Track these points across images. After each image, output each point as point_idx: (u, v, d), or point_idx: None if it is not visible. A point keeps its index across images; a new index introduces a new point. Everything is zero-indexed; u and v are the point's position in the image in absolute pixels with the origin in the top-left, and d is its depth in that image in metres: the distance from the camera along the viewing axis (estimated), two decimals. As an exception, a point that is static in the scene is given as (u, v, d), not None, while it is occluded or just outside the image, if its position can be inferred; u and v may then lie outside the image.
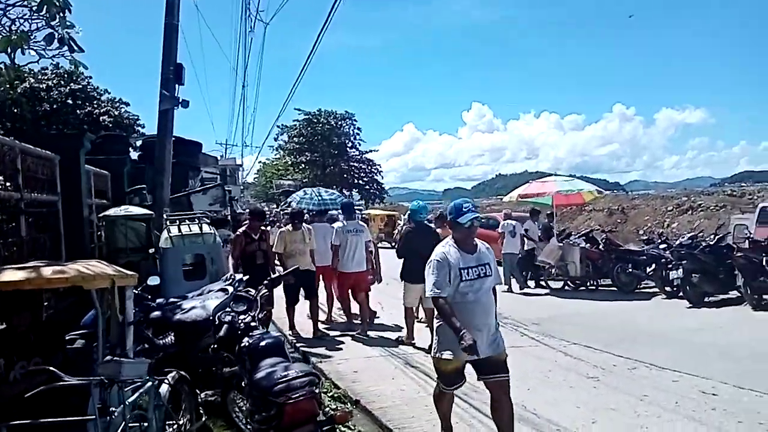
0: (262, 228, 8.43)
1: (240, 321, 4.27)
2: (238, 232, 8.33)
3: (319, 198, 15.60)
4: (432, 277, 4.01)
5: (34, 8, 6.50)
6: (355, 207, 11.32)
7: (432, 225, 8.62)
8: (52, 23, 6.55)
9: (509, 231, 13.00)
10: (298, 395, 3.00)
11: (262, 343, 3.70)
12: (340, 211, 10.99)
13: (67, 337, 4.33)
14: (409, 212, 8.86)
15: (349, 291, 9.08)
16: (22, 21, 6.63)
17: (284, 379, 3.08)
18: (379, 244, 16.69)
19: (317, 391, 3.15)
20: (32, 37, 6.70)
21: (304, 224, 8.99)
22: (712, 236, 11.67)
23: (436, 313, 4.17)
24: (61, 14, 6.46)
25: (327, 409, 4.74)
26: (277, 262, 8.63)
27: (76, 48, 6.75)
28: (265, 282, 5.44)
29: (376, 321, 9.48)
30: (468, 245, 4.12)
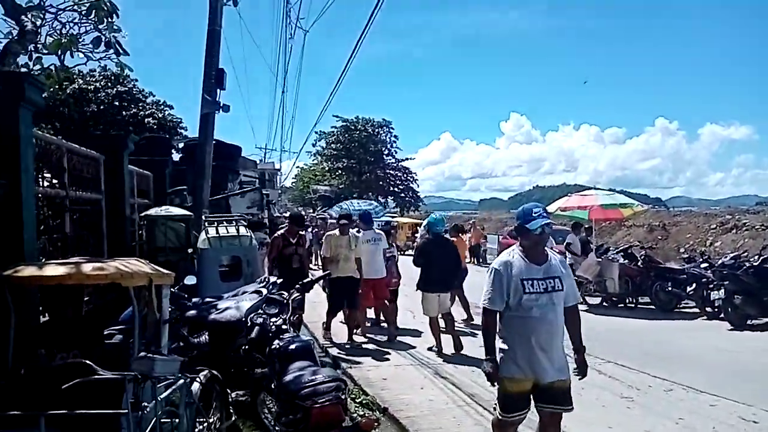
0: (300, 233, 8.57)
1: (271, 323, 4.31)
2: (276, 235, 8.51)
3: (352, 207, 15.85)
4: (486, 286, 3.68)
5: (83, 12, 6.78)
6: (373, 217, 11.29)
7: (448, 236, 9.37)
8: (100, 27, 6.82)
9: None
10: (324, 400, 3.01)
11: (292, 347, 3.74)
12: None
13: (105, 332, 4.46)
14: (427, 224, 9.32)
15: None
16: (71, 25, 6.93)
17: (311, 383, 3.11)
18: (407, 252, 16.75)
19: (343, 396, 3.16)
20: (81, 40, 6.99)
21: (351, 230, 8.79)
22: (756, 257, 11.27)
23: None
24: (109, 18, 6.73)
25: (354, 414, 4.76)
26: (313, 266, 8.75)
27: (121, 51, 7.01)
28: (297, 285, 5.49)
29: (407, 327, 9.45)
30: (536, 255, 3.67)
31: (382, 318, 9.62)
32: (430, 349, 8.12)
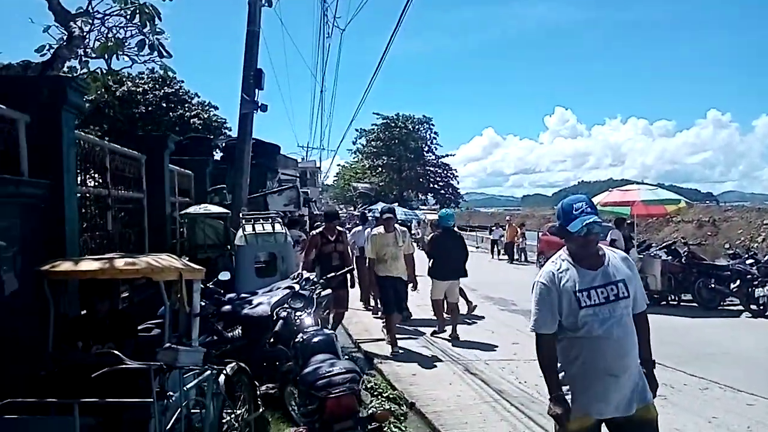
0: (339, 229, 8.29)
1: (296, 317, 4.43)
2: (313, 233, 8.34)
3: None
4: (532, 306, 3.00)
5: (128, 16, 7.07)
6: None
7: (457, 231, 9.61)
8: (144, 30, 7.11)
9: None
10: (338, 391, 3.11)
11: (314, 340, 3.85)
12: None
13: (143, 326, 4.67)
14: (438, 219, 10.10)
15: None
16: (117, 29, 7.23)
17: (327, 375, 3.21)
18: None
19: (358, 388, 3.25)
20: (126, 44, 7.29)
21: (397, 225, 8.27)
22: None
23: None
24: (152, 22, 7.00)
25: (371, 406, 4.84)
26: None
27: (165, 53, 7.28)
28: (320, 281, 5.60)
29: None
30: (588, 258, 2.97)
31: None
32: (433, 333, 8.75)
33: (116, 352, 3.16)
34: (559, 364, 2.96)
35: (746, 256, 12.13)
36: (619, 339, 2.87)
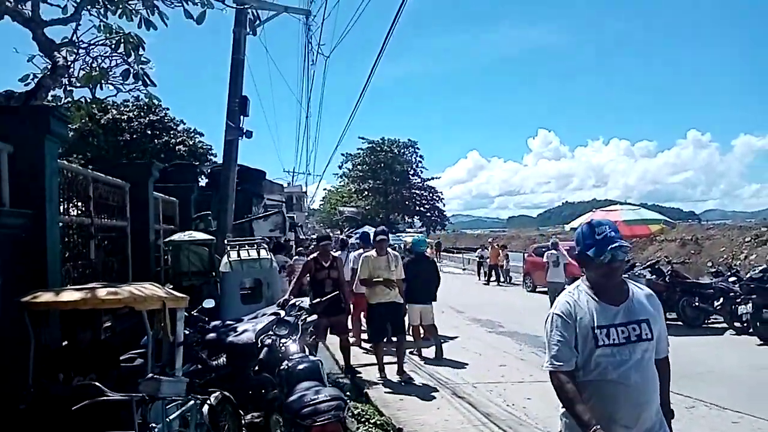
0: (333, 255, 7.96)
1: (281, 345, 4.41)
2: (308, 259, 8.12)
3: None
4: (547, 340, 2.64)
5: (112, 46, 7.12)
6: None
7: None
8: (129, 60, 7.15)
9: (553, 261, 13.54)
10: (324, 419, 3.09)
11: (300, 367, 3.83)
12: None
13: (126, 356, 4.62)
14: (411, 245, 10.41)
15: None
16: (101, 58, 7.28)
17: (313, 403, 3.19)
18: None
19: (343, 415, 3.24)
20: (111, 73, 7.33)
21: (390, 249, 8.02)
22: (790, 271, 11.00)
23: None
24: (136, 51, 7.06)
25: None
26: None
27: (149, 82, 7.32)
28: (306, 307, 5.59)
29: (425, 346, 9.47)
30: (611, 291, 2.60)
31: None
32: (411, 352, 8.94)
33: (97, 383, 3.13)
34: (562, 408, 2.60)
35: (729, 273, 12.28)
36: (637, 385, 2.51)
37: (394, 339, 8.15)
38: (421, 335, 9.18)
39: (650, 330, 2.57)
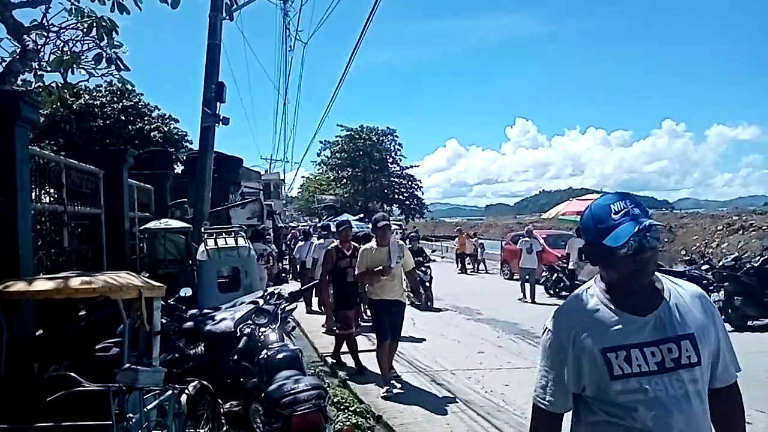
0: (355, 245, 7.60)
1: (260, 333, 4.38)
2: (329, 247, 7.90)
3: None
4: (538, 367, 1.84)
5: (84, 30, 6.93)
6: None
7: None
8: (101, 44, 6.97)
9: (526, 248, 14.14)
10: (304, 408, 3.07)
11: (279, 356, 3.81)
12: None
13: (101, 345, 4.54)
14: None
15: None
16: (73, 42, 7.08)
17: (293, 392, 3.17)
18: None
19: (324, 404, 3.22)
20: (83, 57, 7.14)
21: (394, 238, 6.94)
22: (757, 257, 11.25)
23: None
24: (109, 35, 6.88)
25: (337, 422, 4.81)
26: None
27: (122, 67, 7.15)
28: (286, 295, 5.56)
29: (405, 335, 9.51)
30: (632, 294, 1.71)
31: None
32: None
33: (73, 374, 3.06)
34: None
35: (702, 261, 12.51)
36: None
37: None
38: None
39: (695, 350, 1.68)
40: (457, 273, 22.12)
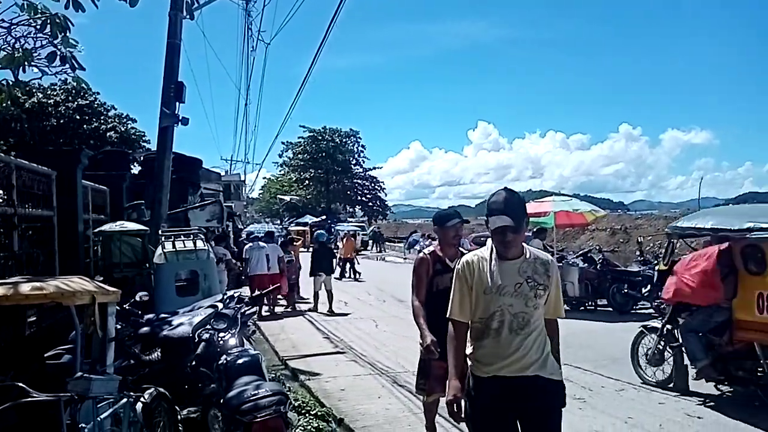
0: (462, 251, 4.42)
1: (219, 339, 4.31)
2: (423, 255, 4.70)
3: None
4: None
5: (37, 27, 6.70)
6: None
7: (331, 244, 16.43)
8: (55, 42, 6.75)
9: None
10: (264, 414, 3.04)
11: (239, 362, 3.75)
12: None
13: (53, 352, 4.39)
14: (315, 236, 15.06)
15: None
16: (25, 39, 6.83)
17: (253, 398, 3.12)
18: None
19: (285, 409, 3.19)
20: (36, 54, 6.90)
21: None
22: (708, 258, 11.61)
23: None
24: (62, 33, 6.66)
25: (299, 426, 4.77)
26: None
27: (77, 66, 6.93)
28: (246, 300, 5.49)
29: (369, 336, 9.51)
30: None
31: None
32: (310, 310, 12.85)
33: (21, 384, 2.95)
34: None
35: (655, 261, 12.88)
36: None
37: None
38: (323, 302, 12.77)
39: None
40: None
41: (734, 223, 6.02)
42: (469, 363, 2.92)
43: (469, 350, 2.94)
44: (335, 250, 17.72)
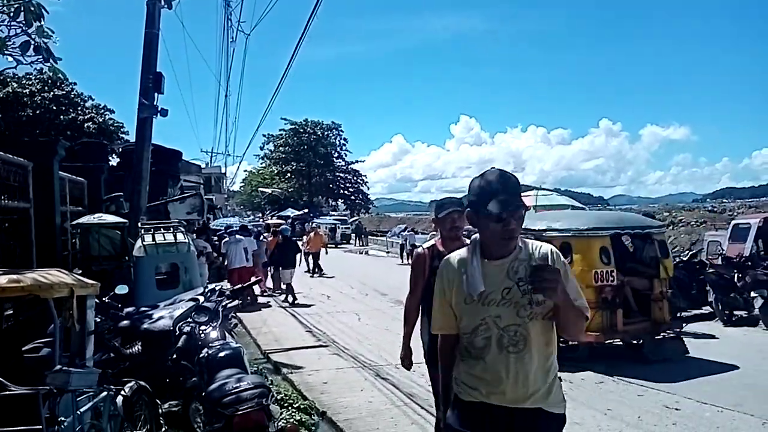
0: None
1: (200, 332, 4.27)
2: (421, 250, 4.21)
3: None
4: None
5: (10, 14, 6.54)
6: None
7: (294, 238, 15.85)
8: (29, 31, 6.60)
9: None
10: (246, 407, 3.01)
11: (221, 355, 3.72)
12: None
13: (31, 346, 4.32)
14: (281, 230, 15.34)
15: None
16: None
17: (235, 391, 3.10)
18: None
19: (267, 402, 3.17)
20: (10, 43, 6.74)
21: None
22: (686, 252, 11.82)
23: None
24: (37, 21, 6.51)
25: (281, 420, 4.76)
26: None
27: (51, 57, 6.79)
28: (228, 292, 5.45)
29: (353, 329, 9.50)
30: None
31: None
32: (285, 300, 13.23)
33: (-1, 378, 2.89)
34: None
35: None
36: None
37: None
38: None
39: None
40: (405, 265, 22.25)
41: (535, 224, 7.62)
42: (454, 386, 2.37)
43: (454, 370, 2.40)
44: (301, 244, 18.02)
